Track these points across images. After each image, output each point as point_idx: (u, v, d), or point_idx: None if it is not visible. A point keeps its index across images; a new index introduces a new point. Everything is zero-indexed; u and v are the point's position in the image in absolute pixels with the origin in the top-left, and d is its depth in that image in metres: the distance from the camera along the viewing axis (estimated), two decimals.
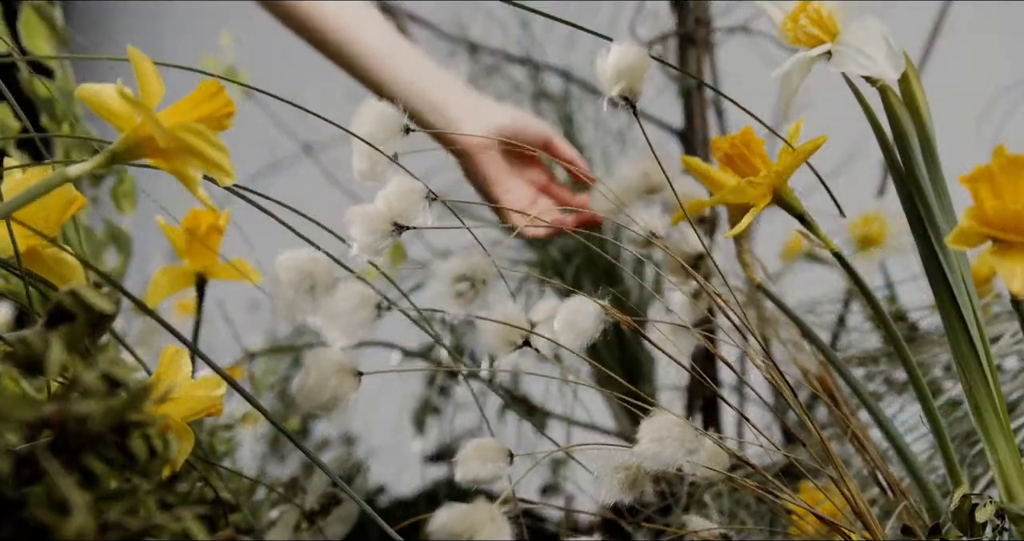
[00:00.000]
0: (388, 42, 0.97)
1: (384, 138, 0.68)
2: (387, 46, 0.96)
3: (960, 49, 1.33)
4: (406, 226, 0.65)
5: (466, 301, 0.53)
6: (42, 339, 0.39)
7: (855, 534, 0.64)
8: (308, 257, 0.53)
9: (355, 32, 0.96)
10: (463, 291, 0.53)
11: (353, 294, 0.53)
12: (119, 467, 0.39)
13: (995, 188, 0.49)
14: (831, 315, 1.17)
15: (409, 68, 0.95)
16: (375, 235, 0.65)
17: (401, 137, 0.70)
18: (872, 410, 0.65)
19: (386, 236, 0.66)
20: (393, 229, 0.66)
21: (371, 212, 0.66)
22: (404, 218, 0.65)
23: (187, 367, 0.67)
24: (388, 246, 0.67)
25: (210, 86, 0.50)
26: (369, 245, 0.66)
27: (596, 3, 1.09)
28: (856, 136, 0.80)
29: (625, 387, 0.64)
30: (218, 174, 0.48)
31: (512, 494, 0.57)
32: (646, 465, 0.58)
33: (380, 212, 0.66)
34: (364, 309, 0.53)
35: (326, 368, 0.58)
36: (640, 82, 0.69)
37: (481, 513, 0.50)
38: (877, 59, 0.58)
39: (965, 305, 0.61)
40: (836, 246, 0.65)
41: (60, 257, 0.68)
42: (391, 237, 0.66)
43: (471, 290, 0.53)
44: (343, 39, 0.96)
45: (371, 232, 0.65)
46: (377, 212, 0.66)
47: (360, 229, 0.65)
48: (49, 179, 0.47)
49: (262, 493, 0.97)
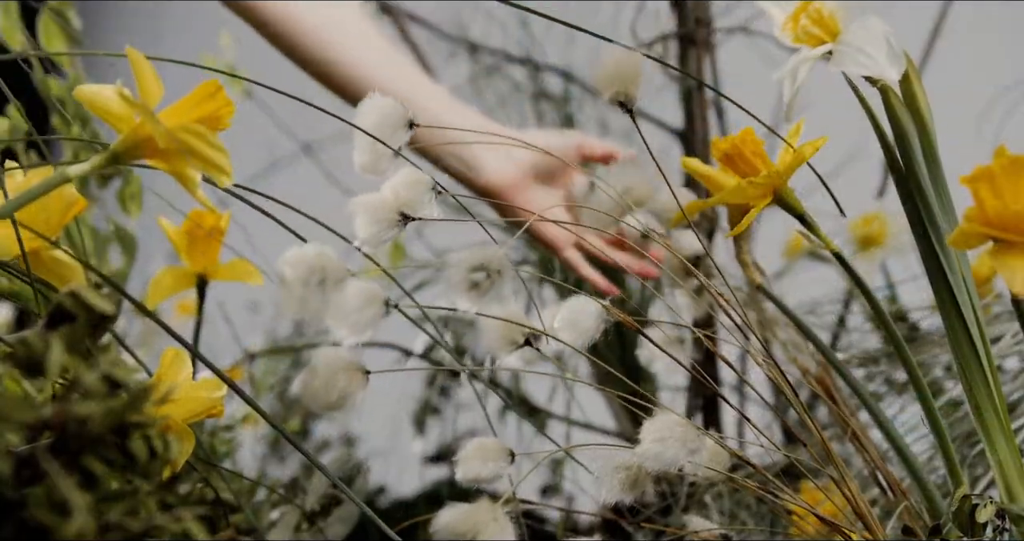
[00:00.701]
0: (383, 57, 0.90)
1: (387, 134, 0.67)
2: (381, 62, 0.90)
3: (961, 49, 1.33)
4: (412, 217, 0.65)
5: (481, 292, 0.53)
6: (43, 340, 0.39)
7: (856, 534, 0.64)
8: (316, 252, 0.52)
9: (343, 47, 0.89)
10: (479, 281, 0.52)
11: (361, 291, 0.53)
12: (119, 468, 0.39)
13: (996, 188, 0.49)
14: (831, 315, 1.17)
15: (414, 91, 0.88)
16: (380, 225, 0.65)
17: (405, 132, 0.69)
18: (872, 410, 0.64)
19: (392, 226, 0.65)
20: (399, 219, 0.65)
21: (377, 202, 0.65)
22: (411, 209, 0.65)
23: (187, 369, 0.67)
24: (393, 237, 0.66)
25: (209, 86, 0.50)
26: (374, 236, 0.65)
27: (596, 3, 1.09)
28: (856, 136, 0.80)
29: (626, 387, 0.64)
30: (217, 174, 0.48)
31: (513, 494, 0.57)
32: (648, 465, 0.58)
33: (386, 201, 0.65)
34: (373, 307, 0.53)
35: (334, 367, 0.57)
36: (636, 86, 0.69)
37: (484, 513, 0.50)
38: (878, 59, 0.58)
39: (966, 305, 0.61)
40: (836, 246, 0.65)
41: (60, 258, 0.68)
42: (397, 228, 0.65)
43: (487, 280, 0.52)
44: (330, 58, 0.89)
45: (376, 222, 0.64)
46: (383, 201, 0.65)
47: (365, 219, 0.65)
48: (49, 179, 0.47)
49: (263, 494, 0.97)
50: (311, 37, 0.89)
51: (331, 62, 0.90)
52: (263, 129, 1.21)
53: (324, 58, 0.90)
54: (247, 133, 0.89)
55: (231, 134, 0.53)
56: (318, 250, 0.52)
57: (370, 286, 0.53)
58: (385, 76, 0.89)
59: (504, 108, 1.41)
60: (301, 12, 0.89)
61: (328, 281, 0.52)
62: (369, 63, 0.90)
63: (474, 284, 0.52)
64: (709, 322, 0.84)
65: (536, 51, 1.41)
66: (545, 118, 1.38)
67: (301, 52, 0.91)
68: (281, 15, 0.89)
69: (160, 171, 0.52)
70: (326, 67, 0.90)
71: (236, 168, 0.50)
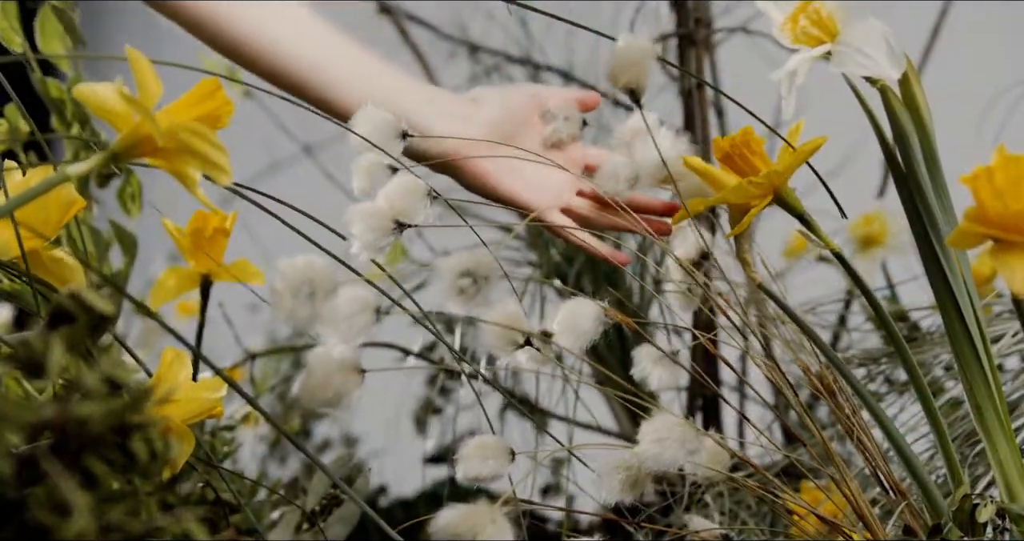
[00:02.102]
0: (334, 50, 0.81)
1: (382, 142, 0.68)
2: (332, 55, 0.81)
3: (960, 49, 1.33)
4: (407, 224, 0.65)
5: (468, 297, 0.53)
6: (43, 341, 0.39)
7: (856, 534, 0.64)
8: (306, 263, 0.53)
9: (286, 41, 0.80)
10: (466, 287, 0.52)
11: (352, 299, 0.53)
12: (120, 469, 0.39)
13: (996, 188, 0.49)
14: (832, 315, 1.17)
15: (358, 74, 0.80)
16: (376, 233, 0.65)
17: (399, 142, 0.69)
18: (873, 410, 0.64)
19: (387, 234, 0.65)
20: (394, 227, 0.65)
21: (372, 210, 0.66)
22: (405, 216, 0.65)
23: (187, 369, 0.67)
24: (389, 244, 0.66)
25: (208, 85, 0.50)
26: (370, 243, 0.65)
27: (596, 4, 1.09)
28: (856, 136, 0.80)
29: (625, 387, 0.64)
30: (216, 173, 0.48)
31: (513, 495, 0.57)
32: (647, 466, 0.58)
33: (381, 210, 0.65)
34: (364, 314, 0.53)
35: (329, 366, 0.58)
36: (645, 75, 0.69)
37: (483, 514, 0.50)
38: (877, 59, 0.58)
39: (966, 305, 0.61)
40: (837, 246, 0.65)
41: (60, 259, 0.68)
42: (392, 235, 0.66)
43: (473, 286, 0.52)
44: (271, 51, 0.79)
45: (372, 230, 0.65)
46: (378, 210, 0.65)
47: (361, 227, 0.65)
48: (49, 179, 0.47)
49: (263, 494, 0.97)
50: (251, 34, 0.81)
51: (260, 54, 0.81)
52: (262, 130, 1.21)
53: (259, 50, 0.81)
54: (246, 134, 0.89)
55: (230, 135, 0.53)
56: (307, 261, 0.53)
57: (362, 293, 0.53)
58: (337, 65, 0.80)
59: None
60: (238, 9, 0.80)
61: (318, 292, 0.52)
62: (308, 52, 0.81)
63: (461, 290, 0.53)
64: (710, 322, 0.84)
65: (536, 51, 1.41)
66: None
67: (243, 52, 0.82)
68: (215, 13, 0.80)
69: (161, 171, 0.52)
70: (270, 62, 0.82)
71: (236, 169, 0.50)
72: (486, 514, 0.50)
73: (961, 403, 0.82)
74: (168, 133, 0.47)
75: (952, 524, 0.59)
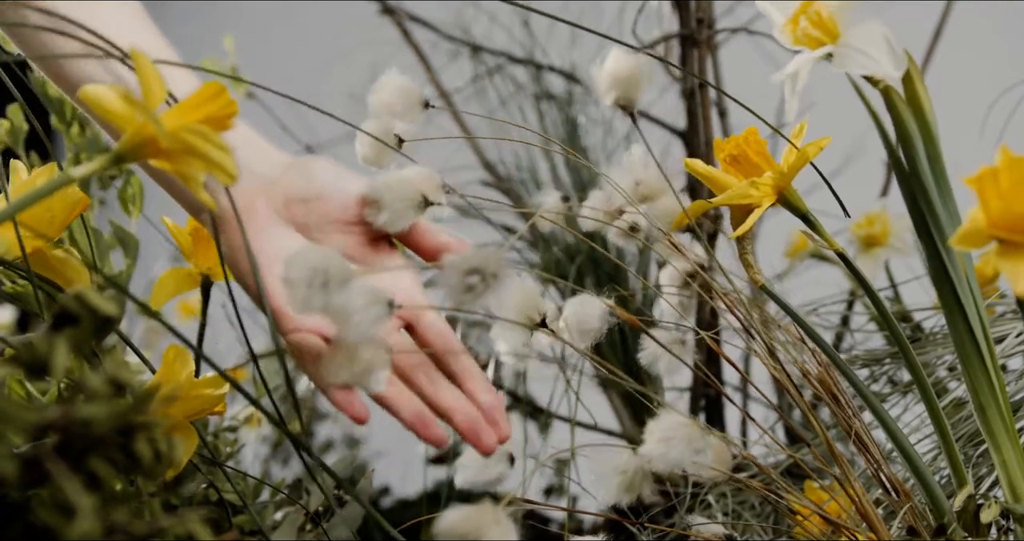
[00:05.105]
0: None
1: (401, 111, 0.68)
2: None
3: (963, 49, 1.33)
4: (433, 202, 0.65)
5: (476, 295, 0.52)
6: (47, 342, 0.39)
7: (860, 534, 0.64)
8: (320, 253, 0.52)
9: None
10: (473, 284, 0.52)
11: (365, 291, 0.53)
12: (124, 470, 0.39)
13: (999, 189, 0.49)
14: (835, 315, 1.16)
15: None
16: (403, 204, 0.65)
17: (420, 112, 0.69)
18: (876, 411, 0.64)
19: (413, 208, 0.66)
20: (421, 201, 0.66)
21: (400, 181, 0.66)
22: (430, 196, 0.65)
23: (190, 367, 0.67)
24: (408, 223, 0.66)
25: (212, 87, 0.50)
26: (394, 215, 0.65)
27: (599, 4, 1.09)
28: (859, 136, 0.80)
29: (629, 388, 0.64)
30: (220, 175, 0.48)
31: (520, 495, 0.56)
32: (654, 466, 0.58)
33: (411, 181, 0.66)
34: (376, 306, 0.53)
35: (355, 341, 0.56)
36: (636, 90, 0.69)
37: (486, 515, 0.49)
38: (879, 59, 0.58)
39: (969, 305, 0.61)
40: (840, 246, 0.65)
41: (65, 259, 0.68)
42: (418, 210, 0.66)
43: (481, 283, 0.52)
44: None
45: (399, 201, 0.65)
46: (408, 181, 0.66)
47: (388, 197, 0.65)
48: (54, 180, 0.47)
49: (267, 494, 0.97)
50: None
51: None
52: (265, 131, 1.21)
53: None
54: None
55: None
56: (322, 251, 0.52)
57: (373, 285, 0.53)
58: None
59: (506, 109, 1.41)
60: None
61: (331, 282, 0.51)
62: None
63: (469, 287, 0.52)
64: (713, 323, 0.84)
65: (539, 52, 1.41)
66: (548, 119, 1.37)
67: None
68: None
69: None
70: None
71: None
72: (490, 515, 0.49)
73: (965, 403, 0.82)
74: (172, 135, 0.47)
75: (956, 525, 0.59)
